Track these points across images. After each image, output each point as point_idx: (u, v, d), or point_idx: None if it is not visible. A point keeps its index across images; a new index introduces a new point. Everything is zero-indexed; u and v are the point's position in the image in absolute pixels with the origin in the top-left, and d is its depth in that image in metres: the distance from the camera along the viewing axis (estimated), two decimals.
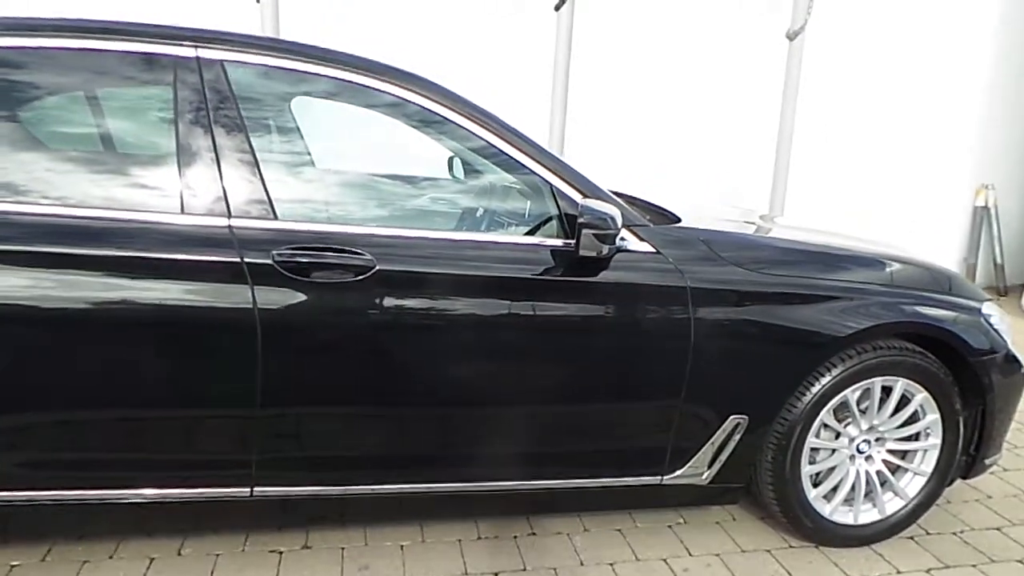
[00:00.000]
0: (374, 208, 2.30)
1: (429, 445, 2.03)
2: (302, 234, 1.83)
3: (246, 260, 1.77)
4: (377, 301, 1.85)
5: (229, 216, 1.80)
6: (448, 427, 2.02)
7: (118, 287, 1.73)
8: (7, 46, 1.79)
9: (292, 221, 1.86)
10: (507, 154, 2.03)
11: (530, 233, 2.13)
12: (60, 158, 1.85)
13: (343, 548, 2.25)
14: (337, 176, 2.40)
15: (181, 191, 1.80)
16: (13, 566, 2.06)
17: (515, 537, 2.37)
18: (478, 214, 2.44)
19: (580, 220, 1.86)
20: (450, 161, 2.85)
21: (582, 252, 1.87)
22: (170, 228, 1.77)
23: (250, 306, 1.77)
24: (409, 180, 2.57)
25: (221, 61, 1.88)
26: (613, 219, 1.88)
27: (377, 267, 1.83)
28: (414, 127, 2.03)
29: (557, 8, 4.80)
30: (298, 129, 2.31)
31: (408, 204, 2.31)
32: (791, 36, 5.25)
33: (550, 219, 2.09)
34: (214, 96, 1.85)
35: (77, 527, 2.05)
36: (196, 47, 1.87)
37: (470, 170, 2.66)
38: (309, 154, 2.47)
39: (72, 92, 1.92)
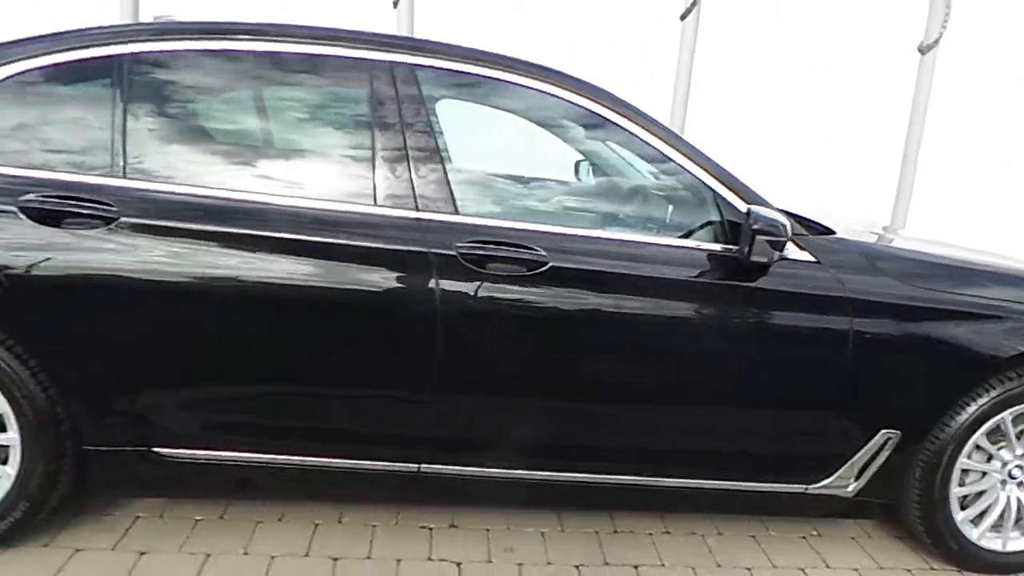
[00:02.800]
0: (542, 207, 2.40)
1: (584, 437, 2.11)
2: (482, 228, 1.95)
3: (432, 251, 1.90)
4: (547, 295, 1.95)
5: (417, 209, 1.94)
6: (603, 421, 2.09)
7: (319, 271, 1.89)
8: (224, 49, 1.98)
9: (472, 216, 1.99)
10: (672, 160, 2.09)
11: (682, 237, 2.19)
12: (274, 155, 2.04)
13: (488, 530, 2.36)
14: (504, 175, 2.52)
15: (375, 184, 1.95)
16: (197, 520, 2.26)
17: (650, 534, 2.43)
18: (620, 216, 2.50)
19: (755, 226, 1.90)
20: (577, 164, 2.94)
21: (754, 258, 1.91)
22: (365, 218, 1.92)
23: (433, 294, 1.90)
24: (563, 182, 2.67)
25: (412, 65, 2.02)
26: (784, 226, 1.92)
27: (550, 263, 1.93)
28: (584, 131, 2.13)
29: (683, 17, 4.82)
30: (473, 131, 2.45)
31: (569, 204, 2.40)
32: (923, 50, 5.09)
33: (705, 224, 2.15)
34: (406, 98, 1.99)
35: (249, 490, 2.23)
36: (390, 51, 2.02)
37: (606, 173, 2.75)
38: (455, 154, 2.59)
39: (277, 93, 2.11)
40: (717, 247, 2.09)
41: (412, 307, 1.91)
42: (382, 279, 1.90)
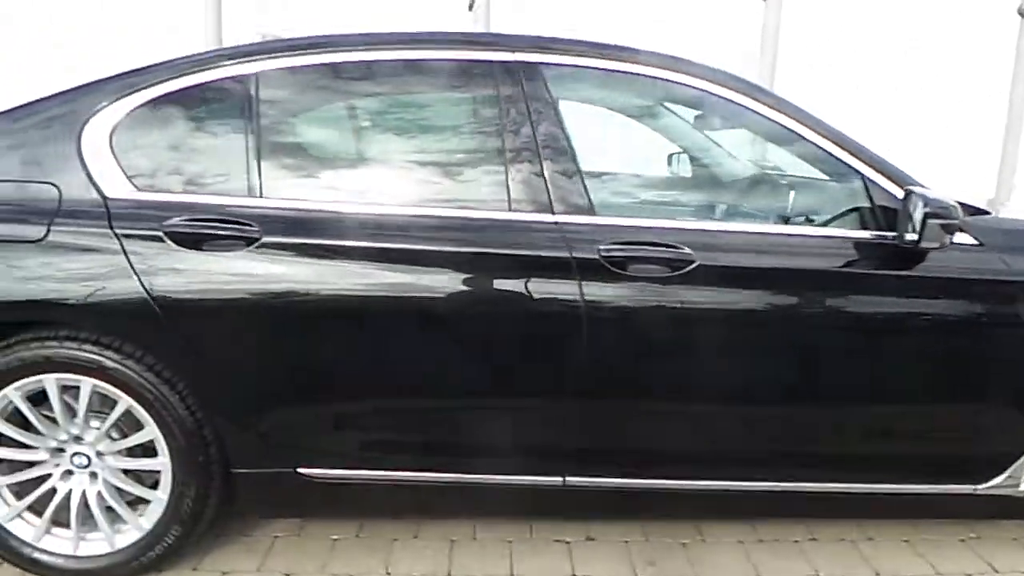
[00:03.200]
0: (676, 202, 2.31)
1: (733, 443, 2.01)
2: (625, 229, 1.88)
3: (574, 255, 1.83)
4: (697, 296, 1.86)
5: (553, 212, 1.87)
6: (756, 425, 1.99)
7: (459, 282, 1.84)
8: (351, 61, 1.96)
9: (612, 217, 1.91)
10: (816, 145, 1.98)
11: (821, 225, 2.07)
12: (405, 165, 2.00)
13: (626, 542, 2.27)
14: (637, 171, 2.45)
15: (508, 188, 1.89)
16: (334, 539, 2.24)
17: (796, 541, 2.30)
18: (748, 207, 2.39)
19: (927, 210, 1.77)
20: (671, 157, 2.84)
21: (924, 244, 1.78)
22: (502, 224, 1.86)
23: (578, 300, 1.82)
24: (684, 176, 2.57)
25: (539, 64, 1.95)
26: (957, 208, 1.79)
27: (697, 262, 1.84)
28: (717, 119, 2.03)
29: None
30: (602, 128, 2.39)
31: (707, 199, 2.30)
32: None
33: (848, 211, 2.02)
34: (535, 98, 1.93)
35: (380, 508, 2.19)
36: (515, 52, 1.96)
37: (706, 164, 2.64)
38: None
39: (402, 99, 2.07)
40: (867, 234, 1.97)
41: (555, 315, 1.84)
42: (524, 287, 1.84)
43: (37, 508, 1.95)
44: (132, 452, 1.94)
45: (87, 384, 1.85)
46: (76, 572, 1.96)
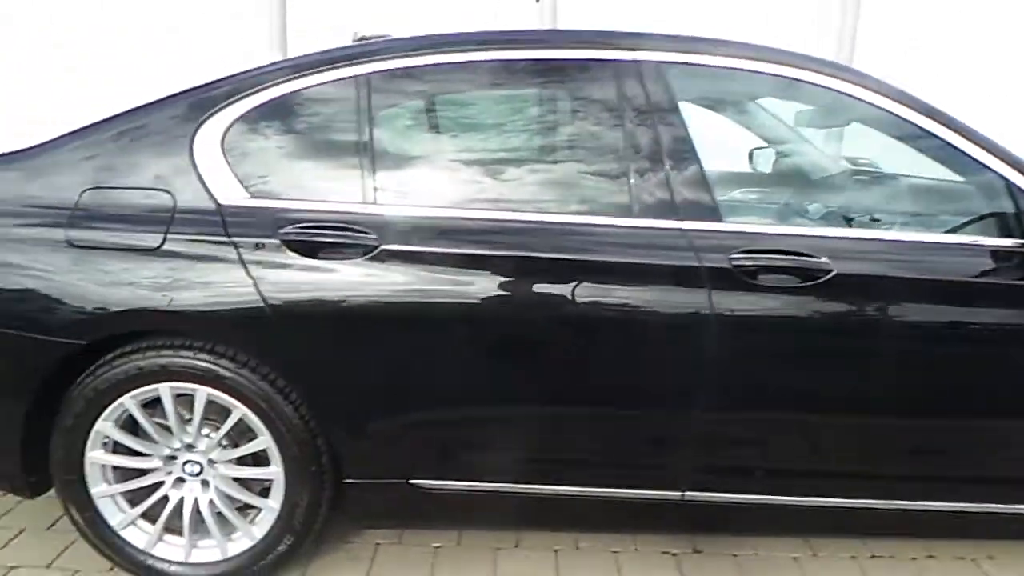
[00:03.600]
0: (806, 207, 2.20)
1: (863, 461, 1.91)
2: (757, 237, 1.79)
3: (704, 264, 1.74)
4: (833, 307, 1.76)
5: (679, 218, 1.79)
6: (888, 442, 1.89)
7: (573, 290, 1.77)
8: (464, 61, 1.89)
9: (740, 223, 1.82)
10: (954, 146, 1.85)
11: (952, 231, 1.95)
12: (514, 166, 1.93)
13: (735, 555, 2.20)
14: (764, 174, 2.35)
15: (631, 194, 1.81)
16: (435, 547, 2.21)
17: (913, 559, 2.20)
18: (873, 213, 2.26)
19: None
20: (752, 153, 2.72)
21: None
22: (625, 231, 1.79)
23: (707, 310, 1.74)
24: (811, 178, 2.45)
25: (660, 63, 1.86)
26: None
27: (835, 271, 1.74)
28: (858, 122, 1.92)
29: None
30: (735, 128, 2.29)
31: (836, 203, 2.18)
32: None
33: (984, 216, 1.90)
34: (657, 99, 1.84)
35: (492, 519, 2.14)
36: (635, 51, 1.87)
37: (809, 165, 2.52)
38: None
39: (519, 102, 2.00)
40: (1009, 242, 1.84)
41: (682, 325, 1.76)
42: (650, 297, 1.76)
43: (150, 515, 1.95)
44: (242, 460, 1.92)
45: (202, 393, 1.83)
46: None
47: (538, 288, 1.77)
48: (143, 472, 1.93)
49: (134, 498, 1.95)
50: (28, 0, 4.60)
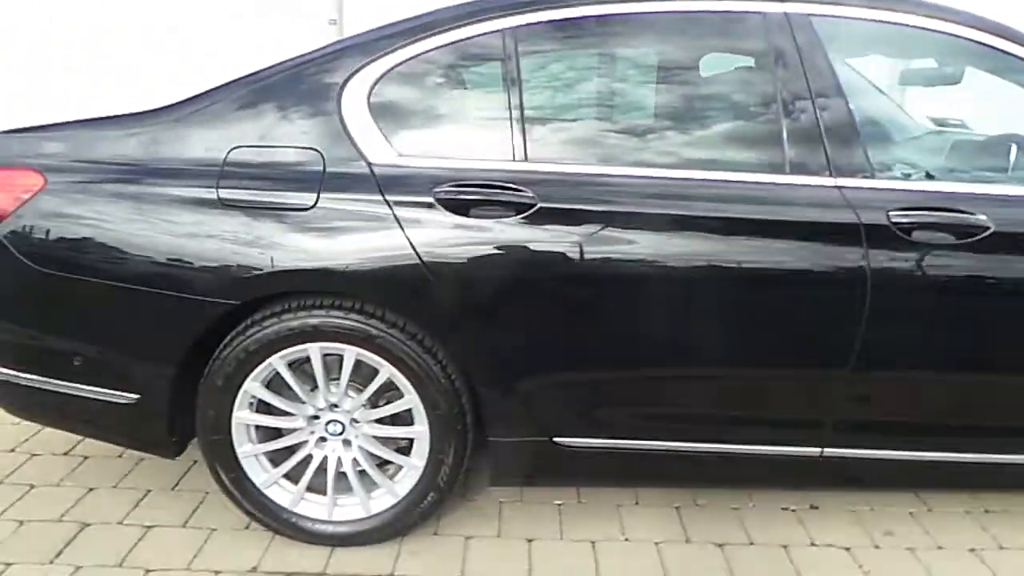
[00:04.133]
0: (964, 165, 2.17)
1: (1002, 417, 1.93)
2: (913, 193, 1.78)
3: (863, 221, 1.74)
4: (990, 264, 1.76)
5: (833, 175, 1.78)
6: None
7: (725, 248, 1.76)
8: (611, 14, 1.85)
9: (894, 180, 1.81)
10: None
11: None
12: (662, 122, 1.91)
13: (852, 511, 2.24)
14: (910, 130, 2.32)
15: (784, 150, 1.79)
16: (557, 504, 2.24)
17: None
18: None
19: None
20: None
21: None
22: (779, 187, 1.78)
23: (862, 268, 1.74)
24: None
25: (810, 15, 1.83)
26: None
27: (993, 229, 1.74)
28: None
29: None
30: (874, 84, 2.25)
31: (992, 160, 2.14)
32: None
33: None
34: (807, 53, 1.81)
35: (631, 476, 2.15)
36: (784, 2, 1.84)
37: None
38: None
39: (666, 55, 1.97)
40: None
41: (836, 283, 1.76)
42: (803, 254, 1.76)
43: (292, 475, 1.97)
44: (381, 420, 1.93)
45: (350, 353, 1.83)
46: (331, 536, 1.98)
47: (693, 246, 1.76)
48: (285, 432, 1.94)
49: (275, 458, 1.96)
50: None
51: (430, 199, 1.75)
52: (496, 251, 1.76)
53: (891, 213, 1.74)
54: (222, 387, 1.84)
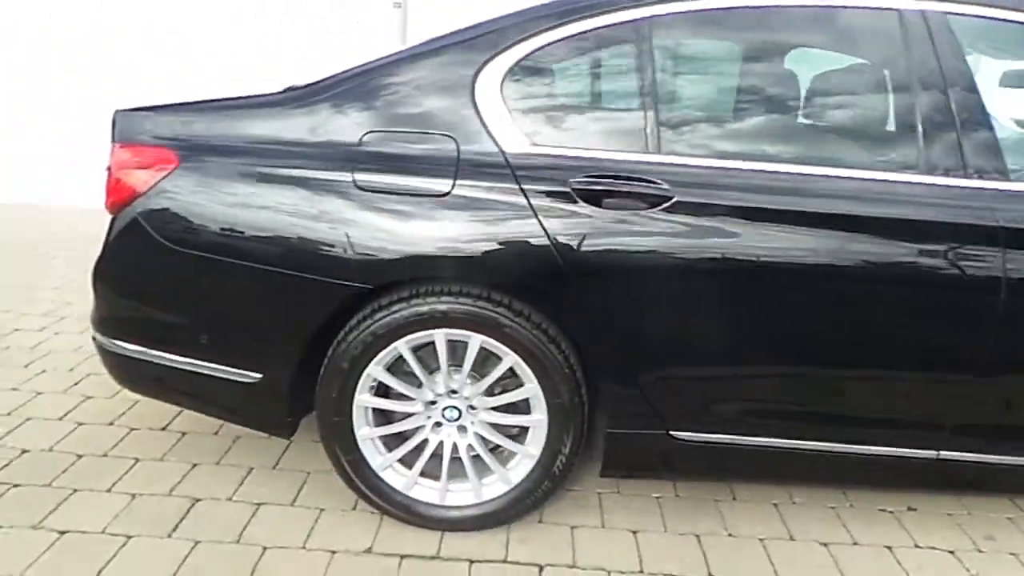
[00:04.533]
0: None
1: None
2: None
3: (1001, 224, 1.73)
4: None
5: (967, 175, 1.77)
6: None
7: (861, 247, 1.76)
8: (753, 6, 1.84)
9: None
10: None
11: None
12: (795, 119, 1.90)
13: (949, 515, 2.24)
14: None
15: (921, 150, 1.78)
16: (657, 497, 2.24)
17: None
18: None
19: None
20: None
21: None
22: (914, 189, 1.77)
23: (998, 273, 1.73)
24: None
25: (946, 14, 1.82)
26: None
27: None
28: None
29: None
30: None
31: None
32: None
33: None
34: (943, 51, 1.80)
35: (743, 472, 2.14)
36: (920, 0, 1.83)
37: None
38: None
39: (802, 49, 1.96)
40: None
41: (969, 286, 1.76)
42: (938, 256, 1.75)
43: (406, 459, 1.99)
44: (497, 407, 1.94)
45: (476, 340, 1.84)
46: (442, 520, 2.00)
47: (826, 244, 1.76)
48: (401, 416, 1.96)
49: (388, 441, 1.98)
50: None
51: (566, 189, 1.76)
52: (631, 243, 1.76)
53: None
54: (347, 370, 1.85)
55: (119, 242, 1.87)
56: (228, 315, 1.88)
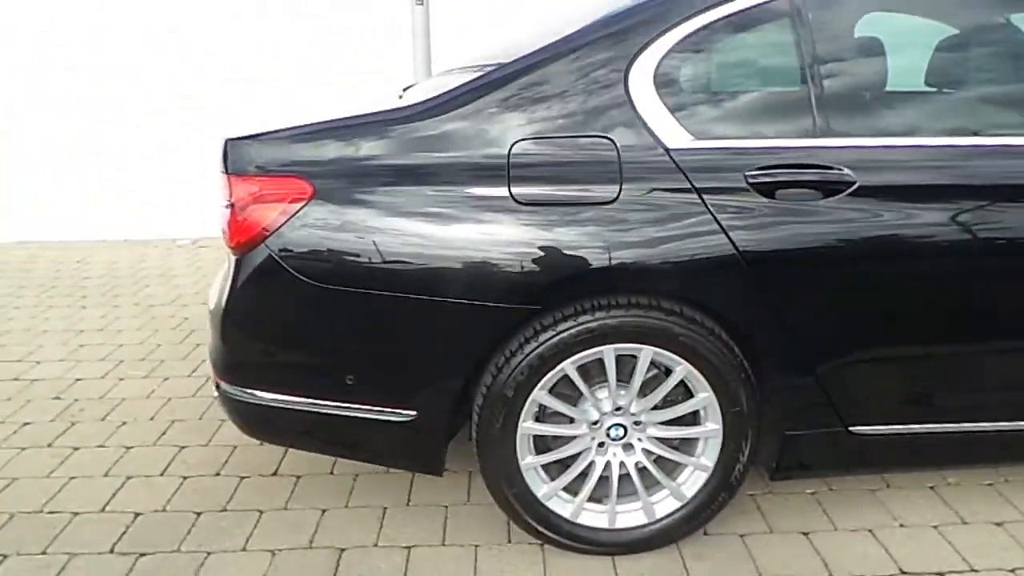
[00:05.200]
0: None
1: None
2: None
3: None
4: None
5: None
6: None
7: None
8: None
9: None
10: None
11: None
12: (966, 89, 1.80)
13: None
14: None
15: None
16: (810, 493, 2.16)
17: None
18: None
19: None
20: None
21: None
22: None
23: None
24: None
25: None
26: None
27: None
28: None
29: None
30: None
31: None
32: None
33: None
34: None
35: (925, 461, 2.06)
36: None
37: None
38: None
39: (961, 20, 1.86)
40: None
41: None
42: None
43: (569, 485, 1.86)
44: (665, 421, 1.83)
45: (647, 352, 1.72)
46: (615, 545, 1.88)
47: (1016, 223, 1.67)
48: (564, 440, 1.84)
49: (550, 468, 1.86)
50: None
51: (742, 184, 1.64)
52: (815, 235, 1.65)
53: None
54: (511, 397, 1.73)
55: (253, 283, 1.71)
56: (378, 352, 1.73)
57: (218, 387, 1.87)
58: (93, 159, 4.89)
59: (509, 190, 1.64)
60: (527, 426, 1.78)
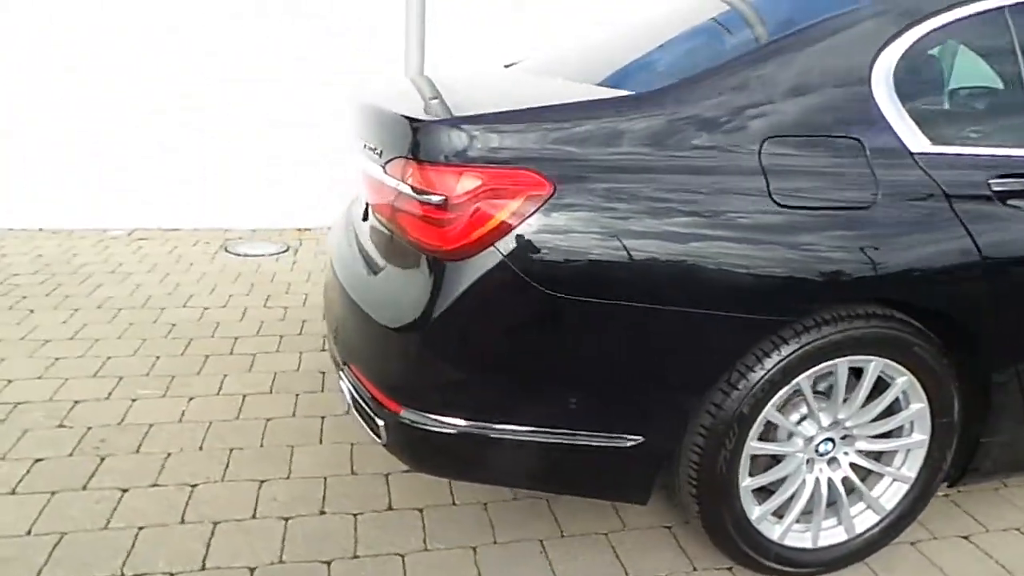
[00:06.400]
0: None
1: None
2: None
3: None
4: None
5: None
6: None
7: None
8: None
9: None
10: None
11: None
12: None
13: None
14: None
15: None
16: (944, 495, 2.19)
17: None
18: None
19: None
20: None
21: None
22: None
23: None
24: None
25: None
26: None
27: None
28: None
29: None
30: None
31: None
32: None
33: None
34: None
35: None
36: None
37: None
38: None
39: None
40: None
41: None
42: None
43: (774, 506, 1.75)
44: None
45: (876, 365, 1.64)
46: (818, 564, 1.80)
47: None
48: (780, 458, 1.72)
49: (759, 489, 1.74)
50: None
51: (987, 192, 1.60)
52: None
53: None
54: (747, 415, 1.58)
55: (476, 293, 1.44)
56: (612, 369, 1.52)
57: (400, 416, 1.56)
58: (93, 159, 4.57)
59: (769, 189, 1.50)
60: (753, 445, 1.65)
